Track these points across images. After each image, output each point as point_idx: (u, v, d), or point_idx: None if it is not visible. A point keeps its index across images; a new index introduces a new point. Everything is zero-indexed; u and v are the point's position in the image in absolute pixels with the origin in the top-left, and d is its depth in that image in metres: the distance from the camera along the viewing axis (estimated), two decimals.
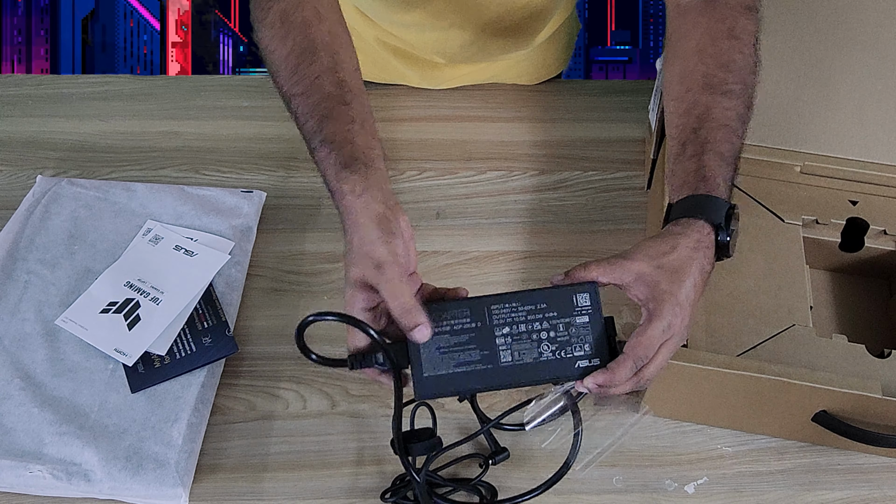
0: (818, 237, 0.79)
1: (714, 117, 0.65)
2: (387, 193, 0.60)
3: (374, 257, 0.57)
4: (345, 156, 0.61)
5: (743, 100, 0.67)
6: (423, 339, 0.56)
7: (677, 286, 0.57)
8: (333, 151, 0.62)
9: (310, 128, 0.64)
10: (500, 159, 0.95)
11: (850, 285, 0.81)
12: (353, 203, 0.59)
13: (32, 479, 0.64)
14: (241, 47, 2.19)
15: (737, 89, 0.66)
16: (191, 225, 0.82)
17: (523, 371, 0.57)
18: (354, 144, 0.62)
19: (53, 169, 0.91)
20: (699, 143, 0.64)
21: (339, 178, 0.61)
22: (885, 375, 0.66)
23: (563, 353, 0.58)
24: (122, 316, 0.74)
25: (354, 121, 0.63)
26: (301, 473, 0.68)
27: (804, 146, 0.80)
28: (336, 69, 0.66)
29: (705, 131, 0.65)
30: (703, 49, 0.68)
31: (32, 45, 2.15)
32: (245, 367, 0.75)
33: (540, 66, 1.04)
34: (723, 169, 0.64)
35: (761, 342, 0.68)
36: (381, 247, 0.57)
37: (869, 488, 0.68)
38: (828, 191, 0.80)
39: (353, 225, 0.59)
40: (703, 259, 0.60)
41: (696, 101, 0.66)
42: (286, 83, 0.67)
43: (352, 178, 0.60)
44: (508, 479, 0.68)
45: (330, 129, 0.63)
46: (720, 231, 0.61)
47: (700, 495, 0.68)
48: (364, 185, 0.60)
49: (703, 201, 0.62)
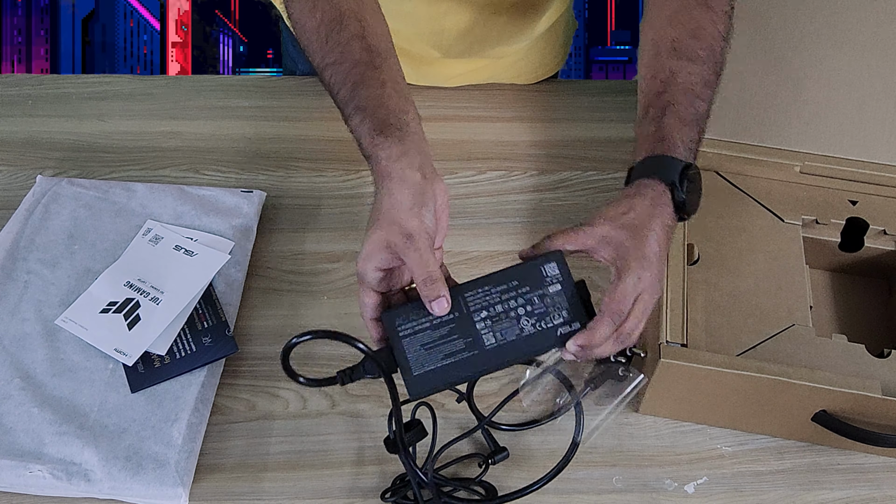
0: (818, 237, 0.79)
1: (678, 82, 0.66)
2: (424, 158, 0.60)
3: (405, 227, 0.57)
4: (378, 121, 0.61)
5: (710, 66, 0.68)
6: (443, 311, 0.57)
7: (640, 241, 0.59)
8: (367, 118, 0.62)
9: (343, 96, 0.65)
10: (500, 159, 0.95)
11: (849, 285, 0.81)
12: (389, 168, 0.59)
13: (32, 479, 0.64)
14: (241, 47, 2.19)
15: (704, 55, 0.68)
16: (191, 225, 0.82)
17: (509, 350, 0.58)
18: (388, 108, 0.62)
19: (53, 169, 0.91)
20: (661, 107, 0.66)
21: (374, 144, 0.61)
22: (885, 375, 0.66)
23: (544, 324, 0.58)
24: (122, 316, 0.74)
25: (385, 84, 0.64)
26: (301, 473, 0.68)
27: (804, 146, 0.80)
28: (364, 35, 0.66)
29: (668, 95, 0.66)
30: (674, 17, 0.69)
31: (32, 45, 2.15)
32: (245, 366, 0.75)
33: (537, 64, 1.04)
34: (683, 131, 0.65)
35: (761, 342, 0.68)
36: (413, 218, 0.57)
37: (869, 488, 0.68)
38: (828, 191, 0.80)
39: (386, 190, 0.59)
40: (663, 215, 0.61)
41: (662, 66, 0.68)
42: (318, 54, 0.67)
43: (386, 143, 0.60)
44: (508, 479, 0.68)
45: (362, 95, 0.63)
46: (675, 189, 0.62)
47: (700, 495, 0.68)
48: (400, 150, 0.60)
49: (658, 161, 0.63)
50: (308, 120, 0.99)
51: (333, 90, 0.66)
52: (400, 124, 0.61)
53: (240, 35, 2.19)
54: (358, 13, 0.67)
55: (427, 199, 0.58)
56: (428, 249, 0.57)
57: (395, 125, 0.61)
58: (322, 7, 0.67)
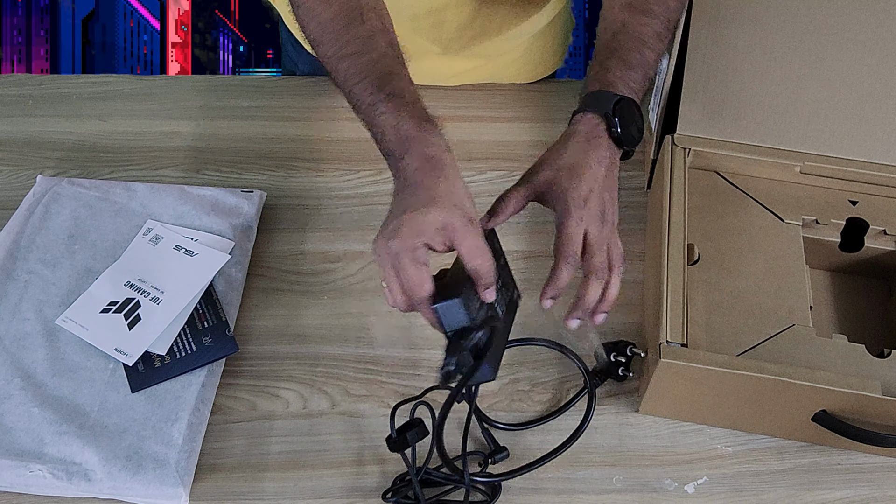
0: (818, 237, 0.79)
1: (628, 31, 0.69)
2: None
3: (469, 212, 0.57)
4: (420, 110, 0.62)
5: (661, 20, 0.70)
6: (493, 298, 0.58)
7: (576, 181, 0.62)
8: (407, 105, 0.61)
9: (366, 86, 0.63)
10: (501, 159, 0.95)
11: (850, 285, 0.81)
12: (442, 155, 0.59)
13: (33, 479, 0.64)
14: (241, 47, 2.19)
15: (657, 10, 0.70)
16: (191, 225, 0.82)
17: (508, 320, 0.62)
18: (422, 105, 0.63)
19: (54, 169, 0.92)
20: (608, 52, 0.68)
21: (423, 129, 0.60)
22: (885, 375, 0.66)
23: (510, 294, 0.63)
24: (122, 315, 0.74)
25: (413, 83, 0.64)
26: (301, 473, 0.68)
27: (804, 146, 0.80)
28: (387, 31, 0.66)
29: (615, 42, 0.68)
30: None
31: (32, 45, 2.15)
32: (245, 366, 0.75)
33: (537, 62, 1.04)
34: (625, 72, 0.67)
35: (761, 342, 0.68)
36: (471, 203, 0.58)
37: (869, 488, 0.68)
38: (828, 191, 0.80)
39: (440, 173, 0.58)
40: (599, 148, 0.64)
41: (615, 18, 0.70)
42: (333, 45, 0.66)
43: (436, 130, 0.61)
44: (508, 479, 0.68)
45: (397, 84, 0.63)
46: (609, 120, 0.64)
47: (700, 495, 0.68)
48: (447, 143, 0.60)
49: (593, 96, 0.65)
50: (308, 120, 0.99)
51: (350, 81, 0.65)
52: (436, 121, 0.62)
53: (240, 35, 2.18)
54: (377, 10, 0.68)
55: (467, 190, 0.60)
56: (483, 238, 0.58)
57: (433, 120, 0.62)
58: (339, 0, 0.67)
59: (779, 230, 0.77)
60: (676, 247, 0.72)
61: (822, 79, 0.82)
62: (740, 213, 0.78)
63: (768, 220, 0.78)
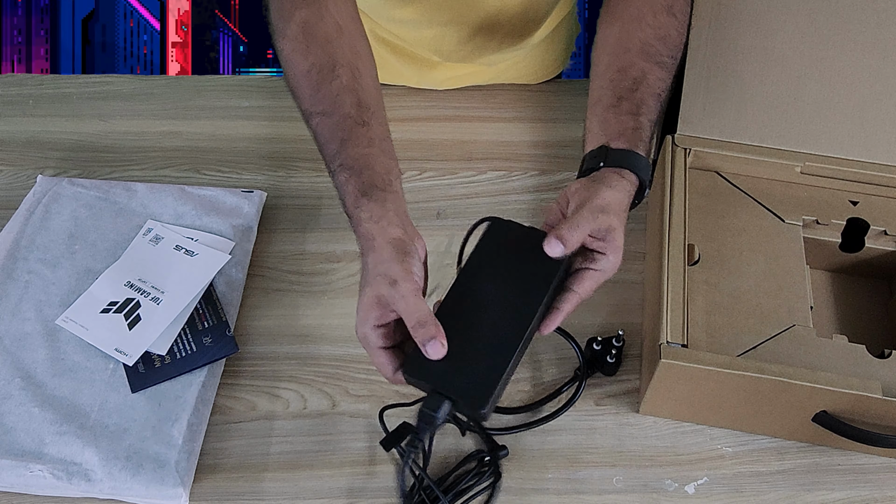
0: (818, 237, 0.79)
1: (649, 84, 0.69)
2: (403, 218, 0.62)
3: (390, 275, 0.57)
4: (363, 183, 0.62)
5: (671, 73, 0.72)
6: (438, 354, 0.55)
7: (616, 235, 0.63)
8: (352, 178, 0.63)
9: (330, 151, 0.66)
10: (501, 159, 0.95)
11: (850, 285, 0.81)
12: (371, 228, 0.60)
13: (33, 479, 0.64)
14: (241, 47, 2.19)
15: (669, 63, 0.72)
16: (191, 225, 0.82)
17: None
18: (373, 170, 0.63)
19: (54, 169, 0.92)
20: (635, 104, 0.68)
21: (358, 205, 0.62)
22: (886, 376, 0.66)
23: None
24: (122, 316, 0.74)
25: (373, 143, 0.65)
26: (301, 473, 0.68)
27: (804, 146, 0.80)
28: (355, 88, 0.67)
29: (640, 94, 0.69)
30: (642, 18, 0.72)
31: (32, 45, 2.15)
32: (245, 366, 0.75)
33: (539, 66, 1.04)
34: (651, 133, 0.69)
35: (762, 342, 0.68)
36: (397, 265, 0.58)
37: (869, 489, 0.68)
38: (828, 191, 0.80)
39: (369, 248, 0.60)
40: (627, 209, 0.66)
41: (633, 62, 0.70)
42: (307, 100, 0.68)
43: (369, 205, 0.61)
44: (509, 479, 0.68)
45: (349, 153, 0.64)
46: (645, 188, 0.67)
47: (700, 495, 0.68)
48: (381, 212, 0.61)
49: (636, 158, 0.66)
50: None
51: (320, 140, 0.67)
52: (384, 185, 0.63)
53: (240, 35, 2.18)
54: (352, 62, 0.68)
55: (409, 249, 0.59)
56: (414, 293, 0.57)
57: (378, 186, 0.62)
58: (316, 52, 0.68)
59: (779, 230, 0.77)
60: (677, 247, 0.72)
61: (822, 79, 0.82)
62: (741, 214, 0.78)
63: (769, 221, 0.78)
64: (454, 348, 0.56)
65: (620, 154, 0.66)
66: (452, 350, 0.56)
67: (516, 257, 0.62)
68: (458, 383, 0.56)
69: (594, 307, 0.80)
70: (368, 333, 0.58)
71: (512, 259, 0.62)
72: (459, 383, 0.56)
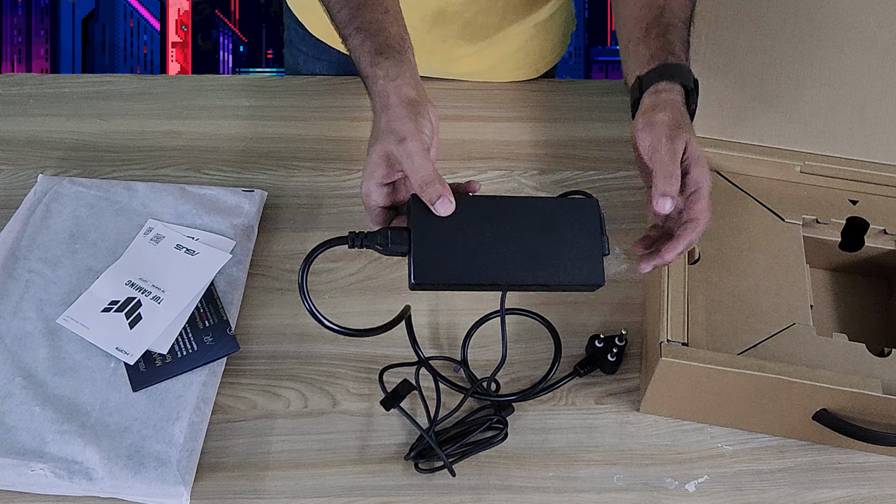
0: (818, 236, 0.79)
1: (672, 10, 0.71)
2: (417, 81, 0.63)
3: (399, 132, 0.58)
4: (379, 42, 0.63)
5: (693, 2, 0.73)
6: (446, 211, 0.57)
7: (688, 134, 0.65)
8: (368, 39, 0.64)
9: (343, 16, 0.66)
10: (501, 159, 0.95)
11: (850, 284, 0.81)
12: (386, 86, 0.61)
13: (34, 478, 0.64)
14: (241, 47, 2.19)
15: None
16: (192, 224, 0.82)
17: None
18: (388, 33, 0.64)
19: (54, 168, 0.92)
20: (662, 27, 0.70)
21: (374, 62, 0.62)
22: (886, 374, 0.66)
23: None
24: (123, 315, 0.74)
25: (388, 11, 0.66)
26: (302, 472, 0.68)
27: (804, 146, 0.81)
28: None
29: (666, 19, 0.71)
30: None
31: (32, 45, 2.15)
32: (246, 365, 0.75)
33: (537, 56, 1.04)
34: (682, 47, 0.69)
35: (762, 341, 0.69)
36: (408, 122, 0.58)
37: (869, 487, 0.68)
38: (828, 190, 0.81)
39: (383, 107, 0.61)
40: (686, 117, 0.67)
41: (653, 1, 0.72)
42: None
43: (385, 63, 0.62)
44: (509, 478, 0.68)
45: (364, 16, 0.65)
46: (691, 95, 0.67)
47: (700, 494, 0.68)
48: (398, 71, 0.62)
49: (675, 68, 0.67)
50: (308, 120, 0.99)
51: (332, 10, 0.68)
52: (400, 48, 0.63)
53: (240, 35, 2.18)
54: None
55: (421, 110, 0.60)
56: (422, 153, 0.57)
57: (394, 48, 0.63)
58: None
59: (779, 229, 0.77)
60: None
61: (822, 79, 0.82)
62: (741, 213, 0.79)
63: (769, 220, 0.78)
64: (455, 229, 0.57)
65: (653, 73, 0.67)
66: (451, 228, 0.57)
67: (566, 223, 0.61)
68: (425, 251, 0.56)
69: (595, 306, 0.80)
70: (372, 190, 0.59)
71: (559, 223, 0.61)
72: (426, 252, 0.56)
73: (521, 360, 0.76)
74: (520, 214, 0.60)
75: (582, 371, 0.74)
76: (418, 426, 0.68)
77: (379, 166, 0.59)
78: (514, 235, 0.59)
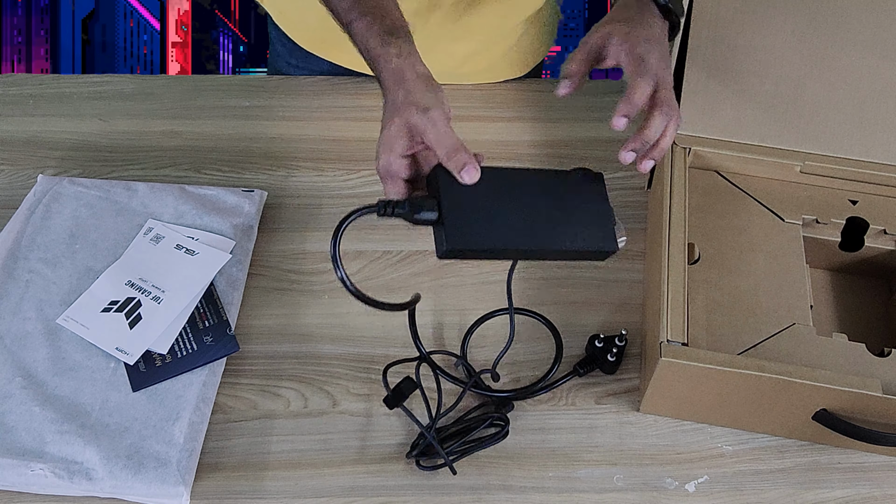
0: (818, 236, 0.79)
1: None
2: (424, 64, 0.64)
3: (422, 103, 0.59)
4: (388, 24, 0.64)
5: None
6: (472, 179, 0.57)
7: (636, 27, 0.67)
8: (375, 22, 0.65)
9: (344, 4, 0.67)
10: (501, 159, 0.95)
11: (850, 284, 0.81)
12: (401, 64, 0.62)
13: (34, 478, 0.64)
14: (241, 47, 2.19)
15: None
16: (192, 224, 0.82)
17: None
18: (394, 15, 0.66)
19: (54, 168, 0.92)
20: None
21: (385, 42, 0.63)
22: (886, 374, 0.66)
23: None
24: (123, 315, 0.74)
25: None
26: (302, 472, 0.68)
27: (804, 146, 0.81)
28: None
29: None
30: None
31: (32, 45, 2.15)
32: (246, 365, 0.75)
33: (527, 51, 1.05)
34: None
35: (762, 341, 0.69)
36: (429, 94, 0.59)
37: (869, 487, 0.68)
38: (828, 190, 0.81)
39: (398, 83, 0.61)
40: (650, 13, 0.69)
41: None
42: None
43: (398, 41, 0.63)
44: (509, 478, 0.68)
45: (367, 1, 0.66)
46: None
47: (701, 494, 0.68)
48: (410, 49, 0.63)
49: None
50: (308, 120, 0.99)
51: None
52: (406, 30, 0.64)
53: (240, 35, 2.19)
54: None
55: (437, 85, 0.61)
56: (445, 122, 0.58)
57: (403, 28, 0.64)
58: None
59: (779, 230, 0.77)
60: (677, 246, 0.72)
61: (822, 79, 0.82)
62: (740, 213, 0.79)
63: (768, 220, 0.78)
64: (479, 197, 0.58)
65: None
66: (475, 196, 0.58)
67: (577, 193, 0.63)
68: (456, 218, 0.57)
69: (595, 306, 0.80)
70: (393, 162, 0.59)
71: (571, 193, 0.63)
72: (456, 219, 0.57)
73: (521, 360, 0.76)
74: (535, 184, 0.62)
75: (582, 371, 0.74)
76: (419, 424, 0.68)
77: (399, 138, 0.59)
78: (533, 203, 0.60)
